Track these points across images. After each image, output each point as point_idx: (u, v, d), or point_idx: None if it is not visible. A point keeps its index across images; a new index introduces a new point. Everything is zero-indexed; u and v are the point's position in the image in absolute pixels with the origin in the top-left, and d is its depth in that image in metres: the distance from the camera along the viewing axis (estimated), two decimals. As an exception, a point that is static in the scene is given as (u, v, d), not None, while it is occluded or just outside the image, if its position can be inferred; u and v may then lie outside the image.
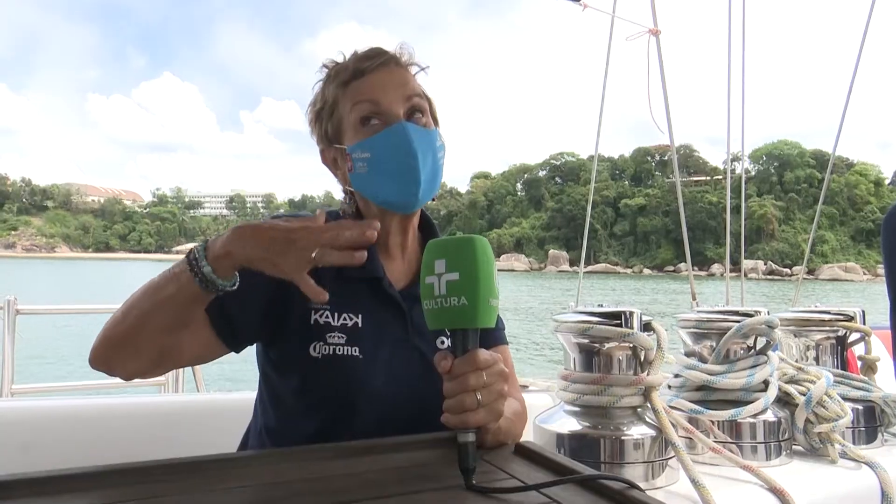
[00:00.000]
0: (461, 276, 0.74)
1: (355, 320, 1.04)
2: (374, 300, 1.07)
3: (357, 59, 1.09)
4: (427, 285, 0.76)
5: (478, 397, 0.78)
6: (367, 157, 1.04)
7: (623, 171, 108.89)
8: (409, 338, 1.07)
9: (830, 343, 1.45)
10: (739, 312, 1.23)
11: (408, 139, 1.03)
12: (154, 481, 0.68)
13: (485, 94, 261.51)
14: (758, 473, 1.03)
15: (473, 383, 0.78)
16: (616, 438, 1.02)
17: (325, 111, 1.11)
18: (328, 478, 0.74)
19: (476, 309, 0.74)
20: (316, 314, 1.03)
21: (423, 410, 0.97)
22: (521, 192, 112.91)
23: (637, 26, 3.60)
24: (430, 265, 0.76)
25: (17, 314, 2.94)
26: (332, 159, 1.13)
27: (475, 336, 0.79)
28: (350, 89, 1.07)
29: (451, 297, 0.74)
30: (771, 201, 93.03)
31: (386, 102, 1.05)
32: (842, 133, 4.12)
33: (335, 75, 1.10)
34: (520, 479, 0.76)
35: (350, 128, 1.07)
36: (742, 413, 1.15)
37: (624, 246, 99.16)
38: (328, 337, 1.02)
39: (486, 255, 0.75)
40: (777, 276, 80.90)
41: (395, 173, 1.04)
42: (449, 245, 0.76)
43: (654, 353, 1.07)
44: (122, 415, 1.32)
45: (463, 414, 0.78)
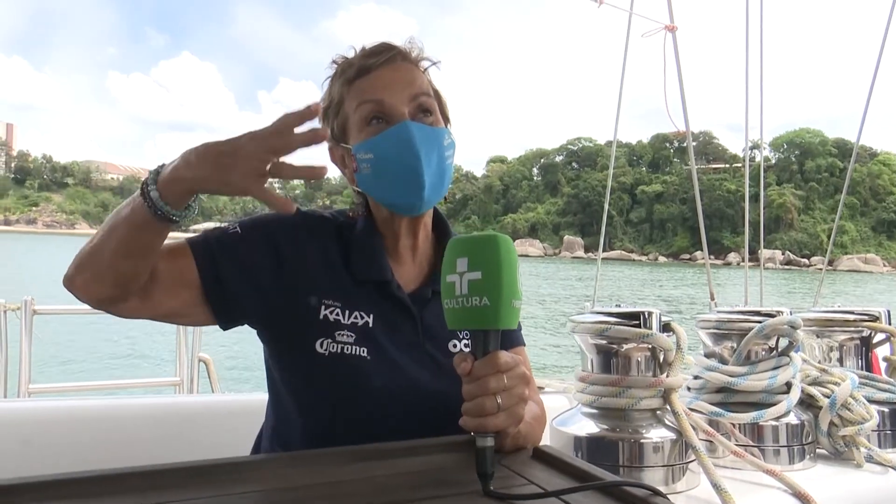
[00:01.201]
0: (483, 276, 0.71)
1: (366, 320, 1.02)
2: (383, 302, 1.04)
3: (363, 55, 1.06)
4: (448, 284, 0.74)
5: (498, 401, 0.76)
6: (371, 158, 1.02)
7: (641, 157, 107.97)
8: (419, 341, 1.05)
9: (854, 344, 1.42)
10: (761, 313, 1.20)
11: (410, 139, 0.99)
12: (165, 486, 0.67)
13: (502, 76, 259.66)
14: (781, 478, 1.01)
15: (494, 386, 0.76)
16: (635, 441, 1.00)
17: (331, 109, 1.09)
18: (341, 482, 0.73)
19: (498, 310, 0.71)
20: (326, 310, 1.01)
21: (434, 415, 0.96)
22: (537, 177, 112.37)
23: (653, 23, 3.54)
24: (452, 263, 0.74)
25: (35, 314, 2.98)
26: (340, 157, 1.10)
27: (496, 337, 0.76)
28: (355, 87, 1.05)
29: (473, 297, 0.72)
30: (791, 190, 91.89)
31: (390, 102, 1.02)
32: (867, 120, 4.03)
33: (341, 72, 1.07)
34: (539, 485, 0.74)
35: (355, 127, 1.04)
36: (764, 416, 1.13)
37: (640, 233, 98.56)
38: (337, 334, 1.00)
39: (509, 255, 0.73)
40: (795, 266, 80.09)
41: (398, 175, 1.01)
42: (471, 243, 0.74)
43: (673, 354, 1.05)
44: (138, 415, 1.32)
45: (482, 417, 0.76)
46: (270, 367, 1.08)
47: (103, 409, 1.31)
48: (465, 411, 0.77)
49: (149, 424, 1.28)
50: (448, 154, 1.06)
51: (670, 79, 3.57)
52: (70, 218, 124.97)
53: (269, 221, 1.05)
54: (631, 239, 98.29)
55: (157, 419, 1.30)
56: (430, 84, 1.08)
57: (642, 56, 4.93)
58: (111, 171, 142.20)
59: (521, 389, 0.80)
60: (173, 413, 1.33)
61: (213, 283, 0.97)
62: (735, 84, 4.03)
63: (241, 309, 1.00)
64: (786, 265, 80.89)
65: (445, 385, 1.00)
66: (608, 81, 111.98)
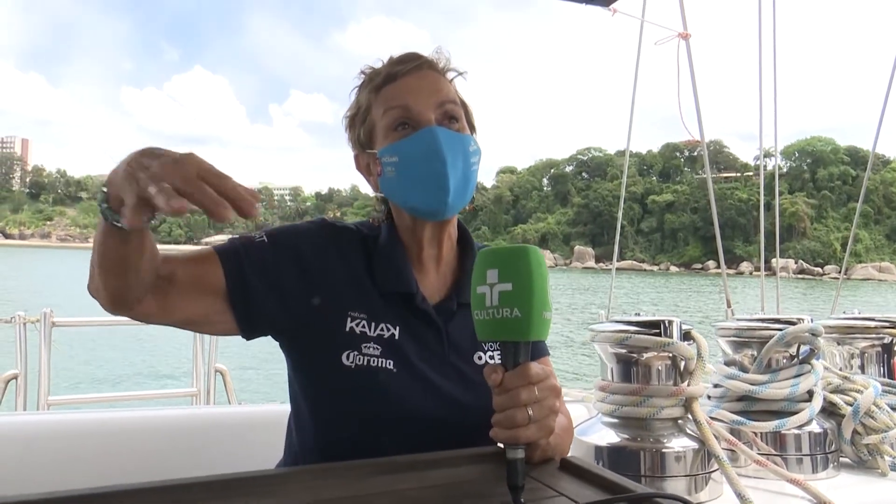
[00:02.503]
0: (514, 287, 0.71)
1: (392, 332, 1.01)
2: (408, 315, 1.04)
3: (391, 63, 1.07)
4: (478, 295, 0.74)
5: (529, 412, 0.76)
6: (395, 161, 1.02)
7: (651, 166, 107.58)
8: (444, 353, 1.04)
9: (876, 351, 1.41)
10: (781, 320, 1.20)
11: (436, 143, 0.99)
12: (191, 500, 0.67)
13: (512, 87, 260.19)
14: (805, 487, 1.00)
15: (525, 398, 0.75)
16: (657, 451, 0.99)
17: (358, 116, 1.09)
18: (369, 495, 0.72)
19: (530, 321, 0.71)
20: (352, 322, 1.00)
21: (460, 427, 0.96)
22: (547, 188, 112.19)
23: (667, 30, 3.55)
24: (482, 274, 0.74)
25: (53, 326, 3.00)
26: (366, 165, 1.11)
27: (527, 349, 0.76)
28: (382, 94, 1.05)
29: (504, 309, 0.71)
30: (803, 199, 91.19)
31: (417, 108, 1.02)
32: (880, 129, 4.01)
33: (369, 80, 1.08)
34: (570, 497, 0.73)
35: (381, 132, 1.05)
36: (787, 424, 1.12)
37: (651, 243, 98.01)
38: (363, 347, 0.99)
39: (540, 267, 0.72)
40: (808, 275, 79.36)
41: (423, 178, 1.00)
42: (502, 254, 0.74)
43: (694, 362, 1.05)
44: (156, 427, 1.32)
45: (514, 429, 0.75)
46: (293, 379, 1.08)
47: (122, 422, 1.31)
48: (495, 423, 0.77)
49: (167, 436, 1.27)
50: (474, 161, 1.05)
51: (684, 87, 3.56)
52: (84, 232, 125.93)
53: (296, 232, 1.04)
54: (642, 249, 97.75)
55: (175, 431, 1.29)
56: (456, 93, 1.08)
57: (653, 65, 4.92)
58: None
59: (552, 401, 0.80)
60: (192, 425, 1.32)
61: (240, 291, 0.96)
62: (745, 93, 4.04)
63: (266, 319, 0.99)
64: (799, 274, 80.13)
65: (471, 397, 1.00)
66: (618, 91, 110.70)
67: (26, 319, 2.99)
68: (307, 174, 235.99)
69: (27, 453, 1.20)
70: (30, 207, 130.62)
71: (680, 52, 3.58)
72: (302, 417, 1.07)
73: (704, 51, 26.91)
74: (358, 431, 0.99)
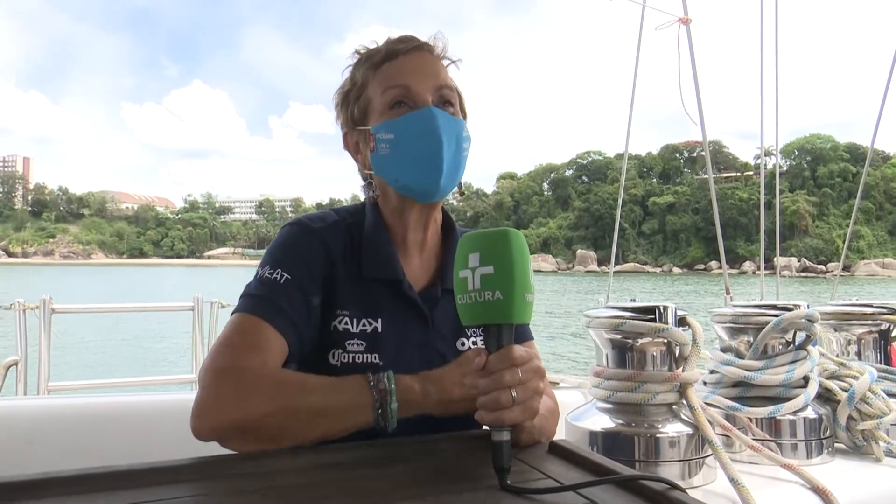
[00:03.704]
0: (496, 270, 0.72)
1: (375, 325, 1.01)
2: (394, 303, 1.04)
3: (390, 42, 1.08)
4: (461, 279, 0.74)
5: (513, 395, 0.76)
6: (391, 139, 1.02)
7: (651, 168, 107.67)
8: (429, 341, 1.05)
9: (873, 337, 1.40)
10: (777, 307, 1.20)
11: (434, 123, 1.01)
12: (185, 481, 0.68)
13: (510, 93, 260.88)
14: (799, 472, 1.00)
15: (509, 380, 0.76)
16: (651, 436, 0.99)
17: (352, 93, 1.09)
18: (361, 478, 0.73)
19: (511, 304, 0.72)
20: (335, 320, 1.01)
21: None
22: (547, 192, 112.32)
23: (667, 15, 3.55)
24: (464, 258, 0.74)
25: (53, 313, 3.00)
26: (355, 143, 1.11)
27: (510, 332, 0.77)
28: (381, 72, 1.05)
29: (486, 292, 0.72)
30: (804, 196, 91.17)
31: (416, 88, 1.03)
32: (879, 124, 4.01)
33: (366, 58, 1.08)
34: (556, 479, 0.74)
35: (377, 110, 1.05)
36: (782, 410, 1.12)
37: (653, 244, 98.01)
38: (347, 344, 1.00)
39: (521, 249, 0.73)
40: (811, 272, 79.20)
41: (419, 157, 1.01)
42: (483, 238, 0.74)
43: (689, 348, 1.05)
44: (156, 412, 1.33)
45: (498, 411, 0.76)
46: None
47: (122, 406, 1.33)
48: (480, 405, 0.77)
49: (166, 420, 1.28)
50: (465, 146, 1.07)
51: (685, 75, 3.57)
52: (86, 248, 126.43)
53: (300, 251, 1.03)
54: (644, 251, 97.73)
55: (174, 416, 1.31)
56: (451, 80, 1.09)
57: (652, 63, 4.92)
58: (126, 201, 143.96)
59: (535, 383, 0.80)
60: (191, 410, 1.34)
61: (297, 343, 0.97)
62: (745, 93, 4.04)
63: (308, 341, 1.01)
64: (802, 272, 79.99)
65: None
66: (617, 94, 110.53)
67: (26, 306, 2.99)
68: (308, 185, 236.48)
69: (27, 437, 1.22)
70: (32, 225, 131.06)
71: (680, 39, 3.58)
72: None
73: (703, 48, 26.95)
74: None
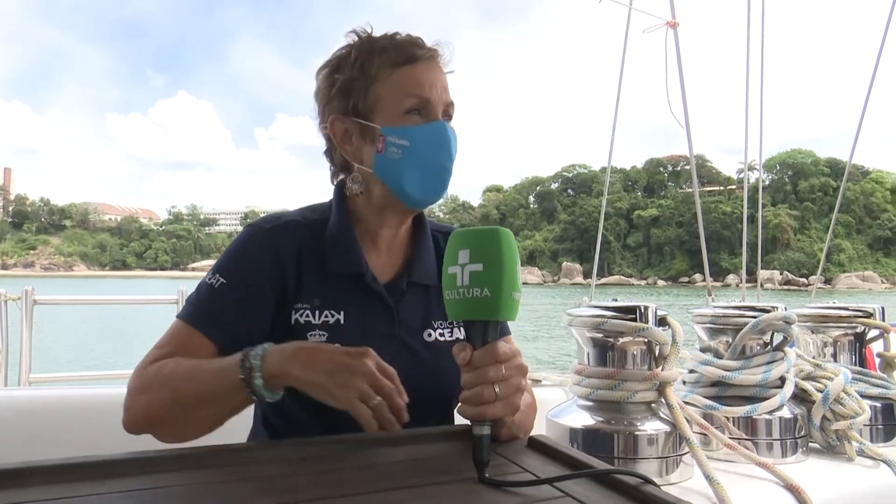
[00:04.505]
0: (485, 268, 0.73)
1: (337, 317, 1.04)
2: (358, 295, 1.06)
3: (407, 42, 1.07)
4: (450, 275, 0.76)
5: (496, 390, 0.77)
6: (405, 145, 1.03)
7: (636, 182, 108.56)
8: (395, 332, 1.07)
9: (849, 340, 1.43)
10: (756, 308, 1.22)
11: (448, 139, 1.05)
12: (165, 471, 0.68)
13: (496, 106, 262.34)
14: (773, 470, 1.02)
15: (493, 376, 0.77)
16: (630, 433, 1.01)
17: (360, 83, 1.06)
18: (341, 469, 0.74)
19: (499, 301, 0.73)
20: (297, 314, 1.03)
21: (413, 404, 0.97)
22: (533, 205, 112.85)
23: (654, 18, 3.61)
24: (454, 255, 0.75)
25: (35, 304, 2.96)
26: (344, 130, 1.09)
27: (495, 328, 0.78)
28: (399, 73, 1.05)
29: (474, 288, 0.73)
30: (786, 210, 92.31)
31: (434, 100, 1.05)
32: (858, 139, 4.10)
33: (381, 51, 1.06)
34: (533, 473, 0.75)
35: (389, 111, 1.05)
36: (758, 409, 1.14)
37: (638, 257, 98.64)
38: (309, 335, 1.02)
39: (510, 248, 0.74)
40: (794, 286, 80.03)
41: (429, 169, 1.04)
42: (474, 235, 0.75)
43: (668, 348, 1.07)
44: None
45: (481, 406, 0.77)
46: None
47: (104, 398, 1.32)
48: (463, 399, 0.78)
49: None
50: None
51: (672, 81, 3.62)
52: (68, 260, 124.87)
53: (244, 255, 1.05)
54: (629, 264, 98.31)
55: None
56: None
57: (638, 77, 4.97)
58: (109, 212, 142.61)
59: (518, 379, 0.82)
60: None
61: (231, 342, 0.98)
62: (729, 107, 4.10)
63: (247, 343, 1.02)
64: (785, 285, 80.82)
65: (422, 374, 1.03)
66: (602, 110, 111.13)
67: (7, 297, 2.94)
68: (294, 197, 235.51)
69: (8, 428, 1.22)
70: (13, 237, 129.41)
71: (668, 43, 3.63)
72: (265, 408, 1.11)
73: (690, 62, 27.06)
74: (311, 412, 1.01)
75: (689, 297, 47.54)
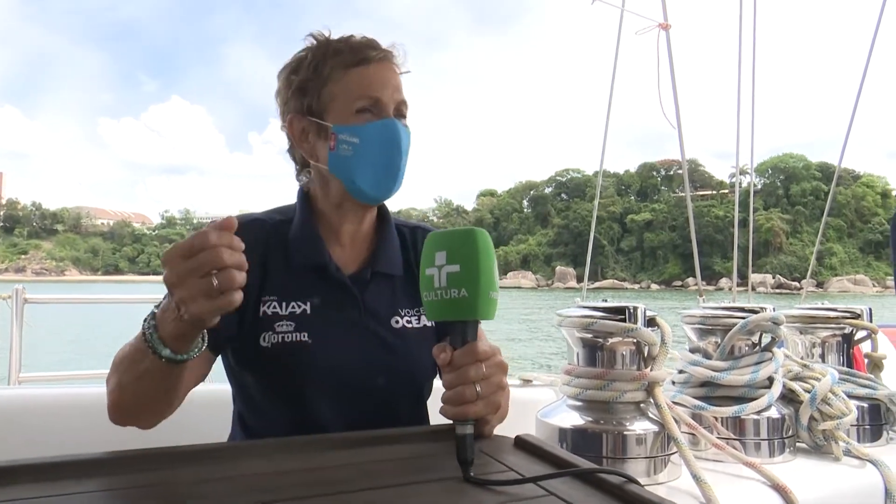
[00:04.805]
0: (462, 269, 0.73)
1: (304, 307, 1.07)
2: (322, 286, 1.09)
3: (360, 44, 1.12)
4: (427, 277, 0.76)
5: (477, 389, 0.78)
6: (355, 143, 1.07)
7: (629, 186, 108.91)
8: (361, 320, 1.10)
9: (836, 340, 1.44)
10: (745, 309, 1.23)
11: (398, 137, 1.08)
12: (153, 469, 0.68)
13: (490, 110, 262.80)
14: (760, 470, 1.02)
15: (473, 375, 0.78)
16: (618, 433, 1.01)
17: (313, 83, 1.11)
18: (327, 468, 0.74)
19: (477, 301, 0.73)
20: (264, 306, 1.06)
21: (382, 390, 1.02)
22: (527, 209, 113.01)
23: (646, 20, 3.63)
24: (431, 257, 0.76)
25: (26, 303, 2.94)
26: (302, 129, 1.13)
27: (475, 328, 0.78)
28: (351, 74, 1.09)
29: (452, 290, 0.73)
30: (778, 214, 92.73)
31: (384, 99, 1.09)
32: (849, 143, 4.13)
33: (334, 53, 1.10)
34: (518, 472, 0.76)
35: (341, 110, 1.09)
36: (746, 409, 1.14)
37: (631, 261, 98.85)
38: (276, 326, 1.04)
39: (487, 248, 0.75)
40: (786, 289, 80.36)
41: (380, 165, 1.08)
42: (450, 237, 0.76)
43: (657, 348, 1.07)
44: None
45: (462, 406, 0.78)
46: (225, 365, 1.13)
47: (94, 397, 1.32)
48: (445, 400, 0.79)
49: None
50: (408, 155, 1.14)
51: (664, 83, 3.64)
52: (60, 265, 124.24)
53: None
54: (623, 268, 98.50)
55: None
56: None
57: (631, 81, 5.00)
58: (101, 217, 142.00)
59: (499, 378, 0.82)
60: None
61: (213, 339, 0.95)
62: (722, 111, 4.12)
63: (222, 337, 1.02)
64: (777, 288, 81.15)
65: (391, 360, 1.07)
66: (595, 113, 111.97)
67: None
68: (287, 201, 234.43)
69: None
70: (4, 242, 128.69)
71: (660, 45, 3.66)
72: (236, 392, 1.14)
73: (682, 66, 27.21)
74: (283, 401, 1.04)
75: (682, 301, 47.73)
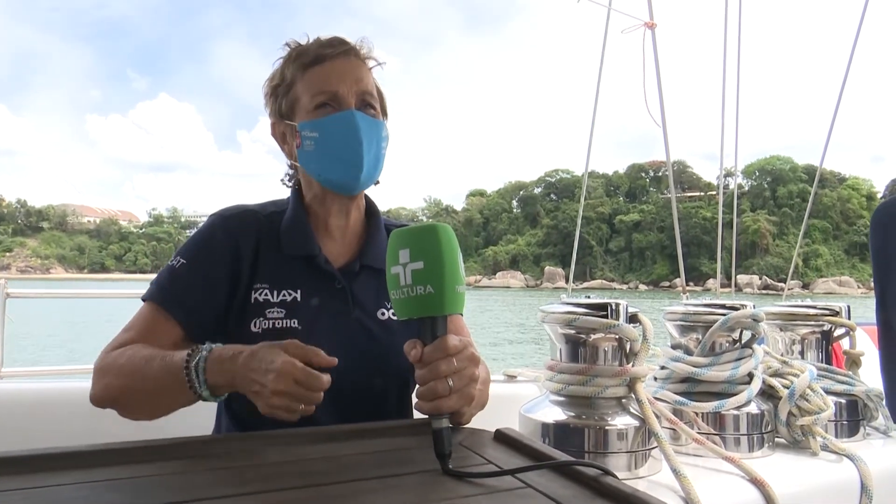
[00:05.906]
0: (426, 265, 0.73)
1: (294, 295, 1.10)
2: (312, 276, 1.13)
3: (319, 45, 1.16)
4: (392, 275, 0.76)
5: (450, 383, 0.79)
6: (316, 137, 1.12)
7: (617, 187, 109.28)
8: (349, 310, 1.13)
9: (816, 337, 1.46)
10: (726, 306, 1.24)
11: (356, 125, 1.11)
12: (135, 462, 0.69)
13: (480, 110, 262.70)
14: (739, 464, 1.04)
15: (445, 370, 0.79)
16: (600, 428, 1.02)
17: (281, 88, 1.18)
18: (308, 461, 0.75)
19: (443, 296, 0.74)
20: (256, 293, 1.09)
21: (369, 378, 1.06)
22: (516, 210, 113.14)
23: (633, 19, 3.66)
24: (395, 255, 0.76)
25: (8, 297, 2.92)
26: (281, 133, 1.20)
27: (443, 323, 0.79)
28: (309, 74, 1.15)
29: (418, 286, 0.74)
30: (764, 216, 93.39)
31: (341, 92, 1.12)
32: (835, 147, 4.20)
33: (296, 56, 1.17)
34: (497, 465, 0.77)
35: (304, 108, 1.14)
36: (725, 405, 1.16)
37: (619, 262, 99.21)
38: (268, 312, 1.08)
39: (450, 243, 0.75)
40: (772, 290, 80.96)
41: (341, 156, 1.12)
42: (412, 234, 0.76)
43: (639, 344, 1.08)
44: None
45: (435, 401, 0.78)
46: None
47: (77, 392, 1.32)
48: (419, 396, 0.80)
49: None
50: (384, 145, 1.18)
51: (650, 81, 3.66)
52: (45, 263, 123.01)
53: (203, 239, 1.13)
54: (611, 268, 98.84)
55: None
56: (374, 82, 1.19)
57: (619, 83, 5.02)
58: (88, 214, 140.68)
59: (471, 370, 0.83)
60: None
61: (195, 327, 1.07)
62: (709, 113, 4.15)
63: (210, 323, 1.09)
64: (763, 289, 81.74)
65: (377, 349, 1.10)
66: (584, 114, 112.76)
67: None
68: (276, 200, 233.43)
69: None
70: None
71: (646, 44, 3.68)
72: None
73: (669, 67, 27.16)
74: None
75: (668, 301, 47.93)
